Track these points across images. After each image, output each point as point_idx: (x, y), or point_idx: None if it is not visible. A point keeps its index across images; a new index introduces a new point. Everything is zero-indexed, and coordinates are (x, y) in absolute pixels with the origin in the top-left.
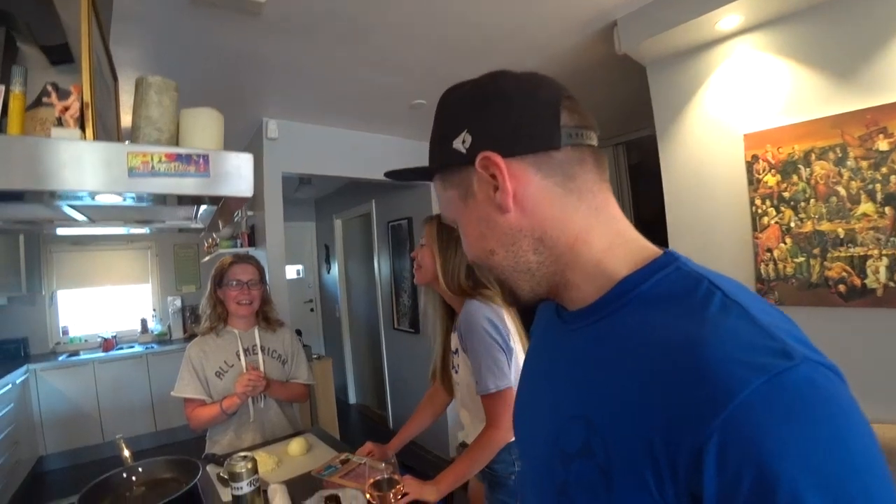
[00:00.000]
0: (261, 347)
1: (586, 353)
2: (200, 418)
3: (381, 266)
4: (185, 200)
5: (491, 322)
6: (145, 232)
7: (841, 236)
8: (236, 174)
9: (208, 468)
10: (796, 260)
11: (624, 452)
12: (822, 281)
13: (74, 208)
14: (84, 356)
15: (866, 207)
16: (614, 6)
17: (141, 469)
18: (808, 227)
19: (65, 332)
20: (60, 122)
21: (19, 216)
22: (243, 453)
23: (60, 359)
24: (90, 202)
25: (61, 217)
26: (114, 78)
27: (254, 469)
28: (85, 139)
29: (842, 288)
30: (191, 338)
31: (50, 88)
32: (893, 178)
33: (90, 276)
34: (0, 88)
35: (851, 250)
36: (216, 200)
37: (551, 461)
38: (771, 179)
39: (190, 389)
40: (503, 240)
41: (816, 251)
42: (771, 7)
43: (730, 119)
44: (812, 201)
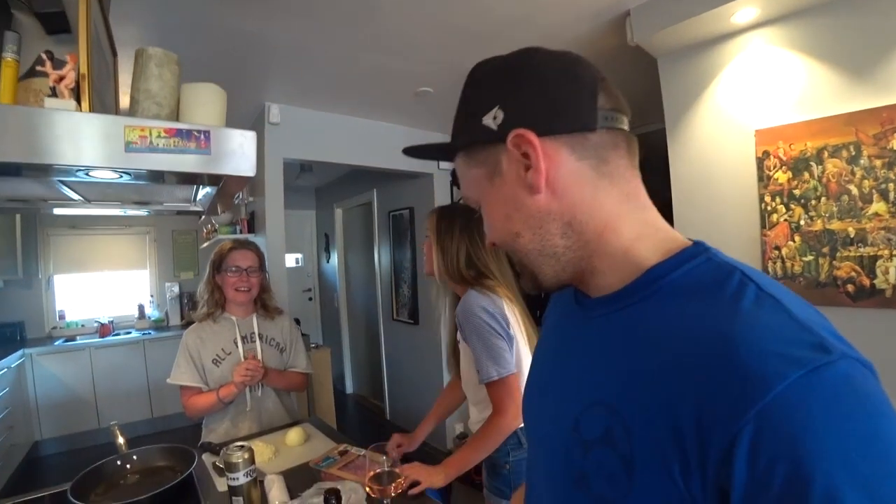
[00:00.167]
0: (259, 335)
1: (610, 341)
2: (196, 406)
3: (382, 256)
4: (185, 179)
5: (486, 311)
6: (144, 214)
7: (851, 236)
8: (239, 152)
9: (204, 457)
10: (805, 258)
11: (649, 441)
12: (831, 280)
13: (68, 186)
14: (80, 341)
15: (878, 207)
16: None
17: (135, 457)
18: (818, 226)
19: (61, 317)
20: (55, 93)
21: (12, 193)
22: (240, 443)
23: (57, 343)
24: (85, 179)
25: (56, 196)
26: (113, 54)
27: (250, 459)
28: (81, 111)
29: (850, 288)
30: (188, 324)
31: (44, 56)
32: None
33: (88, 261)
34: None
35: (861, 250)
36: (217, 180)
37: (568, 449)
38: (782, 176)
39: (186, 377)
40: (530, 222)
41: (826, 250)
42: (788, 1)
43: (741, 114)
44: (823, 199)
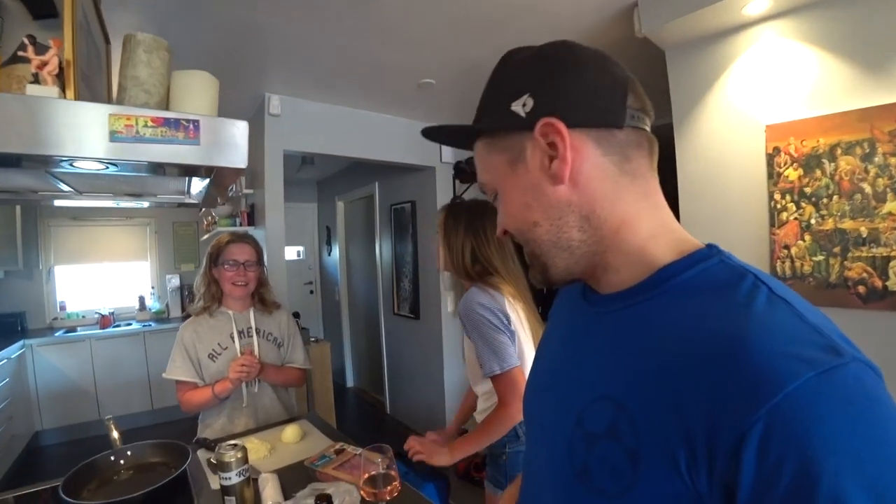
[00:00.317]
0: (256, 330)
1: (619, 337)
2: (192, 402)
3: (383, 250)
4: (173, 171)
5: (484, 306)
6: (144, 206)
7: (864, 235)
8: (230, 143)
9: (199, 453)
10: (815, 258)
11: (655, 436)
12: (841, 281)
13: (57, 177)
14: (81, 332)
15: (893, 206)
16: None
17: (129, 452)
18: (830, 225)
19: (62, 308)
20: (37, 80)
21: (2, 184)
22: (233, 441)
23: (57, 334)
24: (70, 169)
25: (46, 187)
26: (106, 41)
27: (243, 458)
28: (65, 99)
29: (861, 289)
30: (188, 317)
31: (27, 41)
32: None
33: (88, 252)
34: None
35: (874, 250)
36: (208, 172)
37: (571, 442)
38: (792, 173)
39: (181, 372)
40: (549, 212)
41: (837, 250)
42: None
43: (752, 109)
44: (835, 198)
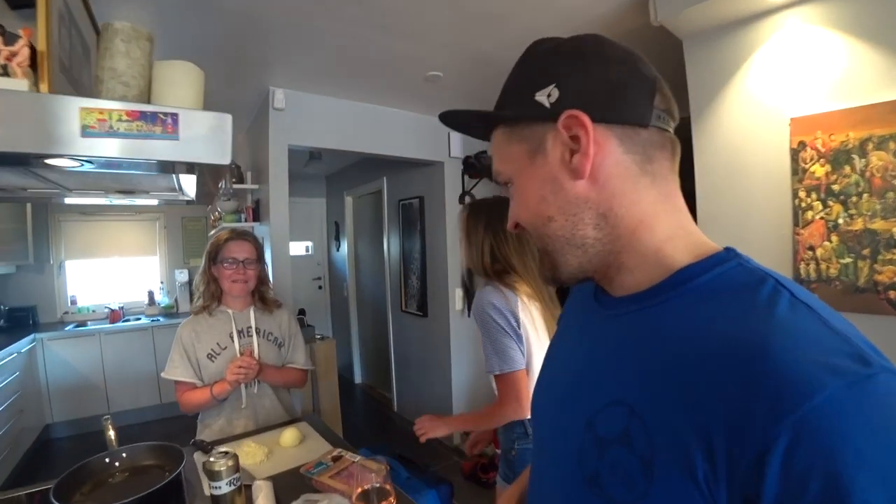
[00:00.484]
0: (256, 329)
1: (633, 340)
2: (191, 402)
3: (391, 246)
4: (152, 167)
5: (495, 307)
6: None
7: None
8: (212, 137)
9: (195, 456)
10: (842, 260)
11: (671, 444)
12: (871, 285)
13: (40, 175)
14: (91, 326)
15: None
16: None
17: (125, 454)
18: (859, 225)
19: (73, 302)
20: (6, 72)
21: None
22: (224, 449)
23: (67, 329)
24: (48, 167)
25: (34, 185)
26: (95, 32)
27: (234, 467)
28: (38, 92)
29: (892, 294)
30: None
31: None
32: None
33: (98, 247)
34: None
35: None
36: (189, 168)
37: (582, 447)
38: (819, 170)
39: (179, 372)
40: (565, 208)
41: (866, 252)
42: None
43: (775, 101)
44: (865, 196)
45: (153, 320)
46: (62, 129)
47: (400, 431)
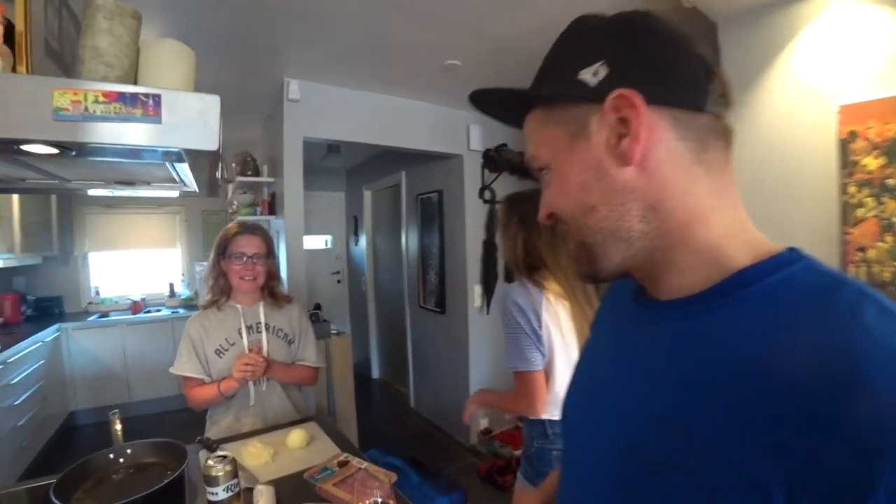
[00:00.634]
0: (265, 325)
1: (686, 349)
2: (198, 398)
3: (409, 241)
4: (133, 154)
5: (518, 306)
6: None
7: None
8: (197, 121)
9: (200, 454)
10: None
11: (741, 473)
12: None
13: (32, 165)
14: (113, 317)
15: None
16: None
17: (129, 451)
18: None
19: (97, 293)
20: None
21: None
22: (222, 453)
23: (91, 319)
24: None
25: (31, 175)
26: None
27: (232, 472)
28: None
29: None
30: None
31: None
32: None
33: (121, 239)
34: None
35: None
36: (178, 156)
37: (626, 466)
38: (872, 162)
39: (187, 367)
40: (610, 197)
41: None
42: None
43: (822, 88)
44: None
45: (173, 312)
46: (32, 112)
47: (415, 429)
